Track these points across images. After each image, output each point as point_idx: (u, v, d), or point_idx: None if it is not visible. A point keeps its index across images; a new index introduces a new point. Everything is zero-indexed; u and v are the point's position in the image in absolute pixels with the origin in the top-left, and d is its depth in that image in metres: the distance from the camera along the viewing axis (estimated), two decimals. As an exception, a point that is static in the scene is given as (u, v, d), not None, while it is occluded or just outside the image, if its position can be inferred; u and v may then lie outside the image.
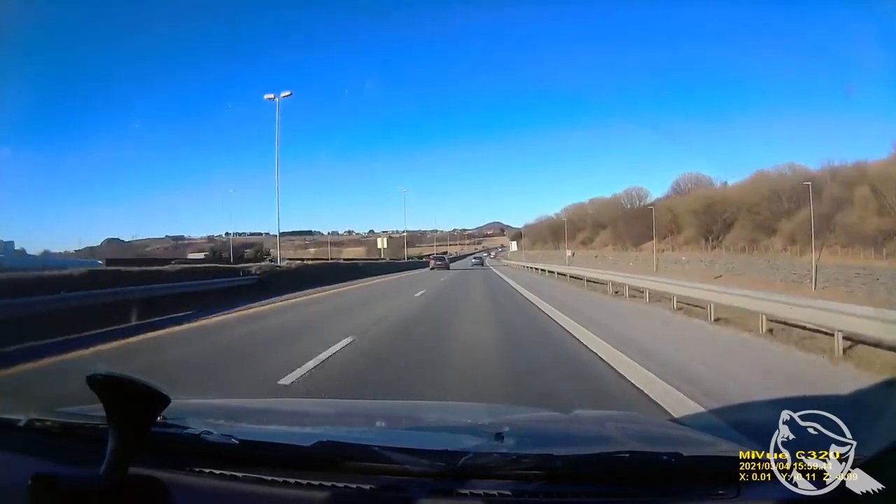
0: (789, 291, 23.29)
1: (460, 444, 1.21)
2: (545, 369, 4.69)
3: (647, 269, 34.16)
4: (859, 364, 4.43)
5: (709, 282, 15.71)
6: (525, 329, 7.24)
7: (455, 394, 3.73)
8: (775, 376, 4.08)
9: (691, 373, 4.09)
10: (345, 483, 1.01)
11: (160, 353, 5.74)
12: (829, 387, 3.72)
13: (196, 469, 1.08)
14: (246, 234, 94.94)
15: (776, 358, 4.86)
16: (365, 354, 5.29)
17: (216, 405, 1.94)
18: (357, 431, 1.46)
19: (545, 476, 1.02)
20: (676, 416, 2.90)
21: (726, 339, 5.98)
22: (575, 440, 1.37)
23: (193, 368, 4.97)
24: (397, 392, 3.74)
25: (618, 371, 4.36)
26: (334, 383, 4.11)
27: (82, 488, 0.79)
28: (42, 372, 4.63)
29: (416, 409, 2.10)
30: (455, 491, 0.99)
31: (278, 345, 6.06)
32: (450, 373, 4.47)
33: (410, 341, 6.28)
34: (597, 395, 3.72)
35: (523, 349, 5.76)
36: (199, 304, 9.84)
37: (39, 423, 1.25)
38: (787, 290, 22.94)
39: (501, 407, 2.49)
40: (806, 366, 4.45)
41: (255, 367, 4.82)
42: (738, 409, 2.98)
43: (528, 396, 3.68)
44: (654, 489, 1.00)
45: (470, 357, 5.24)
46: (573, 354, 5.28)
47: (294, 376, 4.25)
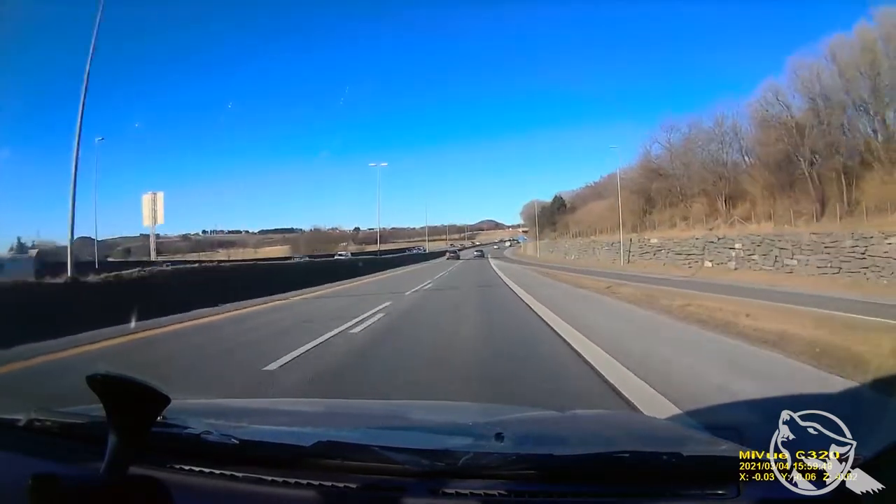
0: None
1: (460, 444, 1.21)
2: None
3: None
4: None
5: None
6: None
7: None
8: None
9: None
10: (345, 483, 1.01)
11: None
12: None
13: (196, 469, 1.08)
14: (223, 231, 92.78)
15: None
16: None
17: (216, 405, 1.94)
18: (357, 431, 1.46)
19: (545, 476, 1.02)
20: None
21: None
22: (575, 440, 1.37)
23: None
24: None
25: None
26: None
27: (82, 488, 0.79)
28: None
29: (416, 409, 2.10)
30: (455, 491, 0.99)
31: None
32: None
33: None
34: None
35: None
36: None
37: (39, 423, 1.25)
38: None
39: (501, 407, 2.49)
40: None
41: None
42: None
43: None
44: (653, 489, 1.00)
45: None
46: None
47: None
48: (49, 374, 4.49)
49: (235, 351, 5.67)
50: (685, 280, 20.20)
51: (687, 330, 6.15)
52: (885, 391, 3.17)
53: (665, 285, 15.31)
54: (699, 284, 16.99)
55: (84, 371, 0.82)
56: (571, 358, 4.82)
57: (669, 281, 18.93)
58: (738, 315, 6.94)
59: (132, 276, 9.59)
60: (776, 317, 7.21)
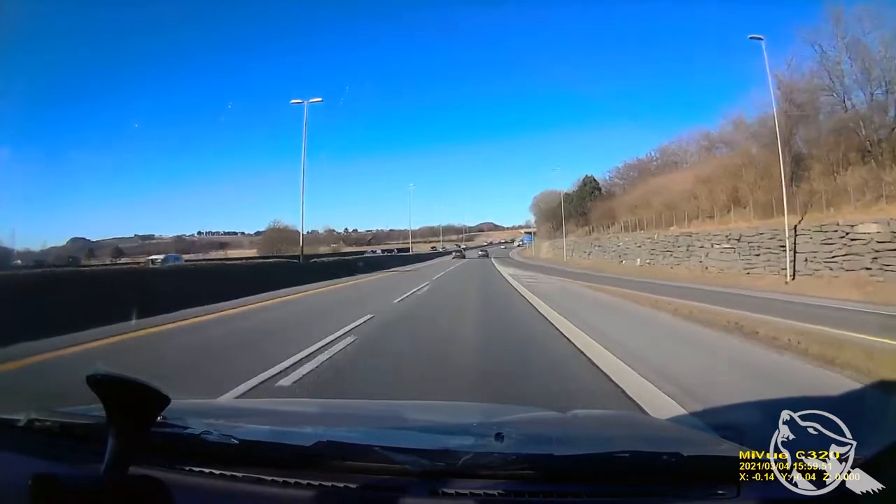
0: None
1: (460, 444, 1.21)
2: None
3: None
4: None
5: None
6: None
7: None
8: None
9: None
10: (345, 483, 1.01)
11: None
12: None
13: (196, 469, 1.08)
14: (220, 233, 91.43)
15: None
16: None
17: (216, 405, 1.95)
18: (357, 431, 1.46)
19: (546, 476, 1.02)
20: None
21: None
22: (575, 440, 1.37)
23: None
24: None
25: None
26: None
27: (82, 488, 0.79)
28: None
29: (416, 409, 2.10)
30: (455, 491, 0.99)
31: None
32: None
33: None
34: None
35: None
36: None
37: (39, 422, 1.25)
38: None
39: (501, 407, 2.49)
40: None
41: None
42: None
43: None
44: (654, 489, 1.00)
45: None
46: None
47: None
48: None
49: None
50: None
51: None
52: (886, 391, 3.17)
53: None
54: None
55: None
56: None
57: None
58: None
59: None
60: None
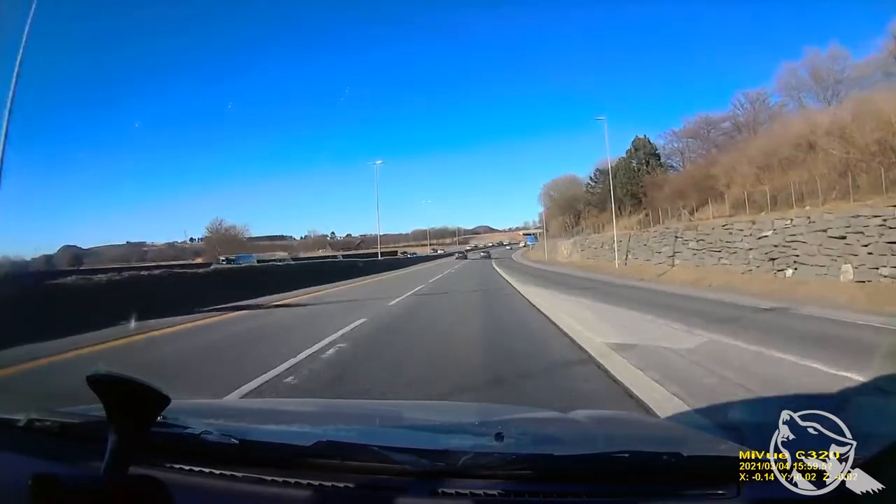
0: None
1: (460, 444, 1.21)
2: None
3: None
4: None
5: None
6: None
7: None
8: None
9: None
10: (345, 483, 1.01)
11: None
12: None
13: (196, 469, 1.08)
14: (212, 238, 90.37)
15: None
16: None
17: (216, 405, 1.95)
18: (356, 431, 1.46)
19: (545, 476, 1.02)
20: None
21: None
22: (574, 440, 1.37)
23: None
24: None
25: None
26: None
27: (82, 488, 0.79)
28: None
29: (416, 409, 2.10)
30: (455, 491, 0.99)
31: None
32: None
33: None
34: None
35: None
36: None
37: (39, 422, 1.25)
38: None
39: (501, 407, 2.49)
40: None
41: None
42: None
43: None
44: (653, 489, 1.00)
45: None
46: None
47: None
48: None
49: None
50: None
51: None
52: (886, 391, 3.17)
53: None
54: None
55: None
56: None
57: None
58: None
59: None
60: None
